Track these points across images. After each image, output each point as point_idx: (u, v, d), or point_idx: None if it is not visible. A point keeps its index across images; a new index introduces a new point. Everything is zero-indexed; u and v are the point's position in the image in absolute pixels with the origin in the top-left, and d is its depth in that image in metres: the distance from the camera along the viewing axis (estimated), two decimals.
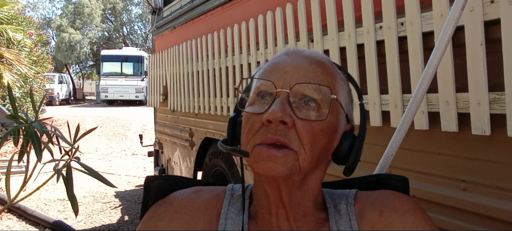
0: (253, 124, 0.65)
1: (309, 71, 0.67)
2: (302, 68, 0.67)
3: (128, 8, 33.51)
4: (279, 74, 0.67)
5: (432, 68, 1.04)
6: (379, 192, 0.73)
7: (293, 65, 0.67)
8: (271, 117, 0.62)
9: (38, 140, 1.12)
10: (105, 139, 10.23)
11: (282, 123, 0.63)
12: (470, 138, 1.19)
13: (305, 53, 0.71)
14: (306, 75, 0.66)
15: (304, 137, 0.63)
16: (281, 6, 2.02)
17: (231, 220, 0.70)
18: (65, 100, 25.36)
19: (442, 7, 1.21)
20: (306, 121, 0.64)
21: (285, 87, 0.65)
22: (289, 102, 0.64)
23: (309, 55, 0.70)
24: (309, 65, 0.68)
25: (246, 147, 0.66)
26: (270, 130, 0.63)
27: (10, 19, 6.79)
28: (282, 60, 0.69)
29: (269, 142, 0.63)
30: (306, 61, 0.69)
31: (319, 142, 0.65)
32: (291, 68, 0.67)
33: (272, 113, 0.62)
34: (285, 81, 0.65)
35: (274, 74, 0.67)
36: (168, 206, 0.72)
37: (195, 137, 3.24)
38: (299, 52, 0.71)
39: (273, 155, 0.62)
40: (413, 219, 0.68)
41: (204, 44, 2.96)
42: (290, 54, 0.71)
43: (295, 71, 0.66)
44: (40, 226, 3.96)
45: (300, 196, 0.69)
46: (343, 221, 0.69)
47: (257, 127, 0.65)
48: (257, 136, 0.65)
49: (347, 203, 0.71)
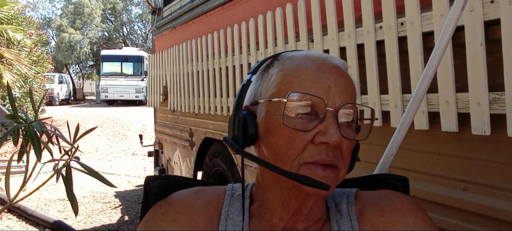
0: (300, 141, 0.63)
1: (348, 88, 0.66)
2: (342, 84, 0.65)
3: (128, 8, 33.52)
4: (323, 88, 0.64)
5: (432, 68, 1.04)
6: (380, 191, 0.74)
7: (334, 80, 0.65)
8: (330, 140, 0.61)
9: (37, 140, 1.12)
10: (105, 139, 10.23)
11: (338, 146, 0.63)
12: (470, 138, 1.19)
13: (334, 62, 0.68)
14: (347, 92, 0.65)
15: (346, 156, 0.65)
16: (281, 6, 2.02)
17: (232, 221, 0.70)
18: (65, 100, 25.37)
19: (442, 7, 1.21)
20: (348, 140, 0.64)
21: (331, 105, 0.63)
22: (337, 122, 0.63)
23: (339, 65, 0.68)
24: (346, 80, 0.67)
25: (290, 165, 0.63)
26: (322, 151, 0.62)
27: (10, 19, 6.79)
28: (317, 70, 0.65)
29: (323, 164, 0.63)
30: (341, 73, 0.67)
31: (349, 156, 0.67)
32: (333, 82, 0.64)
33: (332, 138, 0.61)
34: (330, 98, 0.63)
35: (317, 88, 0.64)
36: (169, 206, 0.72)
37: (195, 137, 3.24)
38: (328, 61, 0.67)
39: (328, 176, 0.63)
40: (413, 219, 0.68)
41: (204, 44, 2.96)
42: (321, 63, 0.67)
43: (337, 87, 0.64)
44: (40, 226, 3.96)
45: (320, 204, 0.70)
46: (344, 220, 0.69)
47: (305, 144, 0.63)
48: (306, 155, 0.63)
49: (348, 203, 0.71)
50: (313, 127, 0.62)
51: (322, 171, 0.62)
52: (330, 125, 0.62)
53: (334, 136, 0.61)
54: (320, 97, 0.63)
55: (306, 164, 0.62)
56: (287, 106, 0.63)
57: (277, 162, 0.65)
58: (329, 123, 0.62)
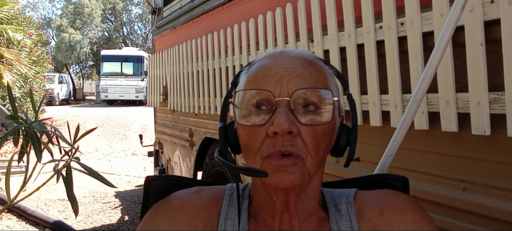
0: (256, 136, 0.64)
1: (305, 73, 0.65)
2: (296, 70, 0.65)
3: (128, 8, 33.52)
4: (274, 80, 0.64)
5: (432, 68, 1.04)
6: (379, 191, 0.73)
7: (286, 69, 0.65)
8: (278, 129, 0.61)
9: (38, 140, 1.12)
10: (105, 139, 10.23)
11: (288, 133, 0.62)
12: (470, 138, 1.19)
13: (292, 53, 0.69)
14: (303, 78, 0.65)
15: (310, 143, 0.63)
16: (281, 6, 2.02)
17: (231, 221, 0.70)
18: (65, 101, 25.36)
19: (442, 7, 1.21)
20: (310, 126, 0.63)
21: (284, 95, 0.63)
22: (291, 110, 0.63)
23: (298, 55, 0.68)
24: (303, 67, 0.66)
25: (253, 161, 0.65)
26: (277, 142, 0.62)
27: (10, 19, 6.79)
28: (271, 64, 0.67)
29: (278, 154, 0.63)
30: (298, 62, 0.67)
31: (323, 144, 0.65)
32: (286, 72, 0.65)
33: (278, 126, 0.61)
34: (282, 88, 0.64)
35: (268, 82, 0.65)
36: (169, 206, 0.72)
37: (195, 137, 3.24)
38: (286, 53, 0.69)
39: (284, 164, 0.62)
40: (413, 218, 0.68)
41: (204, 44, 2.96)
42: (277, 56, 0.68)
43: (290, 75, 0.65)
44: (40, 226, 3.96)
45: (305, 199, 0.69)
46: (344, 221, 0.69)
47: (261, 139, 0.64)
48: (263, 149, 0.64)
49: (347, 203, 0.71)
50: (267, 120, 0.63)
51: (277, 160, 0.62)
52: (278, 114, 0.62)
53: (282, 123, 0.61)
54: (267, 90, 0.64)
55: (265, 157, 0.64)
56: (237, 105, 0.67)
57: (246, 161, 0.68)
58: (278, 112, 0.62)
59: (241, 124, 0.66)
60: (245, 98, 0.66)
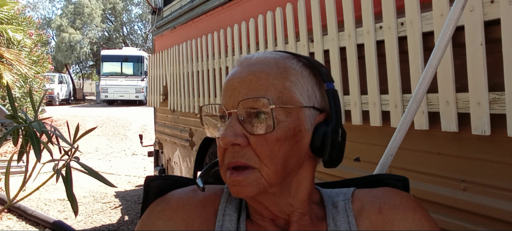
0: (219, 148, 0.66)
1: (253, 81, 0.64)
2: (246, 80, 0.65)
3: (128, 8, 33.52)
4: (229, 92, 0.65)
5: (432, 68, 1.04)
6: (378, 189, 0.73)
7: (240, 80, 0.65)
8: (222, 141, 0.63)
9: (37, 140, 1.12)
10: (105, 139, 10.23)
11: (236, 145, 0.62)
12: (470, 138, 1.19)
13: (252, 60, 0.67)
14: (252, 87, 0.64)
15: (261, 152, 0.62)
16: (281, 6, 2.02)
17: (229, 217, 0.70)
18: (65, 100, 25.37)
19: (442, 7, 1.21)
20: (258, 136, 0.62)
21: (233, 107, 0.64)
22: (240, 121, 0.63)
23: (257, 60, 0.67)
24: (254, 74, 0.65)
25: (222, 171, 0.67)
26: (230, 155, 0.64)
27: (10, 19, 6.79)
28: (233, 75, 0.67)
29: (232, 166, 0.64)
30: (253, 69, 0.65)
31: (279, 150, 0.63)
32: (239, 83, 0.65)
33: (223, 138, 0.62)
34: (234, 100, 0.64)
35: (226, 94, 0.66)
36: (166, 204, 0.72)
37: (195, 137, 3.24)
38: (248, 61, 0.67)
39: (235, 180, 0.63)
40: (413, 216, 0.67)
41: (204, 44, 2.96)
42: (240, 65, 0.68)
43: (241, 86, 0.64)
44: (40, 226, 3.96)
45: (290, 201, 0.68)
46: (341, 216, 0.69)
47: (222, 151, 0.65)
48: (224, 160, 0.65)
49: (344, 200, 0.71)
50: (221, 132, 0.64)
51: (230, 175, 0.64)
52: (225, 126, 0.63)
53: (225, 136, 0.62)
54: (220, 104, 0.66)
55: (227, 168, 0.65)
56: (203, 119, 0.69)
57: None
58: (225, 125, 0.64)
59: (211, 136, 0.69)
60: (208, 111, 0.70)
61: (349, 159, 1.59)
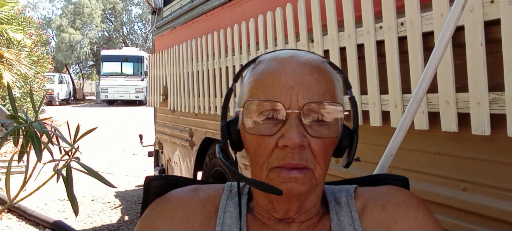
0: (265, 146, 0.63)
1: (314, 84, 0.64)
2: (306, 81, 0.64)
3: (128, 8, 33.51)
4: (284, 90, 0.63)
5: (432, 68, 1.04)
6: (381, 187, 0.74)
7: (296, 78, 0.64)
8: (289, 143, 0.61)
9: (38, 140, 1.12)
10: (105, 139, 10.23)
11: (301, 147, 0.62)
12: (470, 138, 1.19)
13: (301, 59, 0.67)
14: (313, 90, 0.63)
15: (319, 155, 0.63)
16: (281, 6, 2.02)
17: (230, 214, 0.70)
18: (65, 101, 25.37)
19: (442, 7, 1.21)
20: (319, 139, 0.63)
21: (294, 107, 0.62)
22: (301, 122, 0.62)
23: (307, 62, 0.66)
24: (312, 76, 0.64)
25: (260, 170, 0.65)
26: (287, 155, 0.62)
27: (10, 19, 6.78)
28: (280, 71, 0.65)
29: (289, 167, 0.63)
30: (307, 71, 0.65)
31: (330, 153, 0.66)
32: (295, 82, 0.63)
33: (290, 141, 0.61)
34: (292, 100, 0.63)
35: (278, 91, 0.63)
36: (166, 204, 0.72)
37: (195, 137, 3.24)
38: (294, 59, 0.67)
39: (294, 177, 0.62)
40: (416, 214, 0.67)
41: (204, 44, 2.96)
42: (285, 62, 0.66)
43: (300, 86, 0.63)
44: (40, 226, 3.96)
45: (309, 203, 0.69)
46: (344, 212, 0.70)
47: (270, 149, 0.63)
48: (272, 159, 0.63)
49: (347, 196, 0.72)
50: (276, 130, 0.63)
51: (287, 172, 0.63)
52: (289, 127, 0.62)
53: (293, 137, 0.61)
54: (278, 101, 0.63)
55: (273, 168, 0.63)
56: (246, 114, 0.65)
57: (251, 166, 0.68)
58: (289, 125, 0.62)
59: (249, 133, 0.65)
60: (253, 105, 0.65)
61: None
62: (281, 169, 0.63)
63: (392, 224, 0.67)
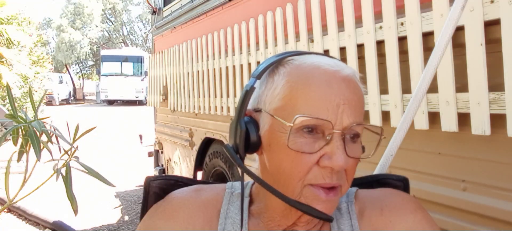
0: (305, 163, 0.60)
1: (357, 104, 0.62)
2: (352, 101, 0.61)
3: (128, 8, 33.52)
4: (332, 108, 0.60)
5: (432, 68, 1.04)
6: (380, 190, 0.73)
7: (343, 97, 0.61)
8: (336, 166, 0.59)
9: (37, 140, 1.12)
10: (105, 139, 10.23)
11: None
12: (470, 138, 1.19)
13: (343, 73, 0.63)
14: (356, 109, 0.62)
15: (350, 173, 0.63)
16: (281, 6, 2.02)
17: (231, 220, 0.70)
18: (65, 100, 25.38)
19: (442, 7, 1.21)
20: (355, 159, 0.62)
21: (339, 126, 0.60)
22: (344, 143, 0.60)
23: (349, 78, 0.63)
24: (356, 95, 0.63)
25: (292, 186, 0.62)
26: (327, 175, 0.60)
27: (10, 19, 6.78)
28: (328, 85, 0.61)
29: (327, 187, 0.61)
30: (351, 88, 0.62)
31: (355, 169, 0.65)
32: (342, 100, 0.61)
33: (337, 163, 0.59)
34: (338, 119, 0.60)
35: (324, 106, 0.60)
36: (167, 204, 0.72)
37: (195, 137, 3.24)
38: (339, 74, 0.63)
39: (331, 200, 0.62)
40: (413, 218, 0.67)
41: (204, 44, 2.96)
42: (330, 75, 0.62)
43: (346, 105, 0.61)
44: (40, 226, 3.96)
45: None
46: (344, 220, 0.69)
47: (309, 166, 0.60)
48: (310, 176, 0.61)
49: (347, 202, 0.71)
50: (318, 148, 0.60)
51: (325, 195, 0.61)
52: (336, 149, 0.59)
53: (340, 161, 0.59)
54: (328, 120, 0.59)
55: (310, 185, 0.61)
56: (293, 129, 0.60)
57: (280, 180, 0.63)
58: (335, 147, 0.59)
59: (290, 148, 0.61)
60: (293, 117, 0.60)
61: None
62: (318, 188, 0.61)
63: (390, 228, 0.67)
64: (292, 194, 0.62)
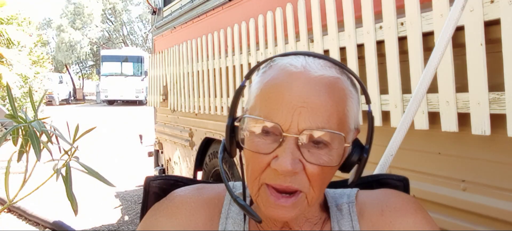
0: (259, 162, 0.61)
1: (320, 107, 0.59)
2: (312, 102, 0.58)
3: (128, 8, 33.52)
4: (285, 110, 0.58)
5: (432, 68, 1.04)
6: (380, 191, 0.73)
7: (300, 99, 0.58)
8: (280, 169, 0.58)
9: (37, 140, 1.12)
10: (106, 138, 10.23)
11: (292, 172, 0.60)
12: (470, 138, 1.19)
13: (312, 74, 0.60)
14: (317, 113, 0.58)
15: (314, 180, 0.60)
16: (281, 6, 2.02)
17: (232, 220, 0.70)
18: (65, 100, 25.39)
19: (442, 7, 1.21)
20: (317, 166, 0.59)
21: (293, 131, 0.58)
22: (298, 146, 0.59)
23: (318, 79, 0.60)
24: (319, 98, 0.59)
25: (251, 184, 0.63)
26: (278, 177, 0.59)
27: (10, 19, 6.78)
28: (286, 86, 0.60)
29: (278, 188, 0.60)
30: (315, 91, 0.59)
31: (329, 178, 0.63)
32: (299, 102, 0.58)
33: (281, 166, 0.58)
34: (293, 122, 0.58)
35: (278, 109, 0.59)
36: (170, 202, 0.72)
37: (195, 137, 3.24)
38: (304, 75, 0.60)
39: (282, 206, 0.60)
40: (413, 218, 0.67)
41: (204, 44, 2.96)
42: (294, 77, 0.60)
43: (303, 108, 0.58)
44: (40, 226, 3.96)
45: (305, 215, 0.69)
46: (345, 220, 0.69)
47: (264, 166, 0.61)
48: (264, 176, 0.61)
49: (348, 202, 0.71)
50: (272, 150, 0.59)
51: (275, 199, 0.60)
52: (283, 152, 0.58)
53: (284, 164, 0.57)
54: (276, 123, 0.59)
55: (266, 185, 0.61)
56: (244, 129, 0.63)
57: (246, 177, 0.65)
58: (282, 150, 0.58)
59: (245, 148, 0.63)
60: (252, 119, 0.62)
61: None
62: (271, 189, 0.60)
63: (390, 229, 0.67)
64: (252, 192, 0.64)
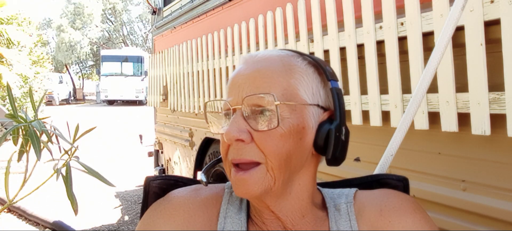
0: (223, 143, 0.65)
1: (257, 78, 0.65)
2: (251, 77, 0.65)
3: (128, 8, 33.52)
4: (235, 89, 0.66)
5: (432, 68, 1.04)
6: (379, 191, 0.73)
7: (245, 76, 0.66)
8: (226, 137, 0.62)
9: (37, 139, 1.12)
10: (106, 139, 10.23)
11: (240, 140, 0.62)
12: (470, 138, 1.19)
13: (257, 57, 0.68)
14: (254, 83, 0.64)
15: (265, 148, 0.62)
16: (281, 6, 2.02)
17: (230, 219, 0.70)
18: (65, 100, 25.39)
19: (442, 7, 1.21)
20: (262, 132, 0.63)
21: (237, 103, 0.64)
22: (244, 117, 0.63)
23: (263, 57, 0.67)
24: (256, 72, 0.65)
25: (225, 168, 0.67)
26: (232, 151, 0.63)
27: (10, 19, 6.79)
28: (238, 72, 0.68)
29: (236, 163, 0.63)
30: (258, 66, 0.66)
31: (283, 146, 0.63)
32: (244, 79, 0.65)
33: (227, 134, 0.62)
34: (239, 96, 0.64)
35: (231, 91, 0.66)
36: (167, 203, 0.72)
37: (195, 137, 3.24)
38: (253, 58, 0.68)
39: (241, 178, 0.63)
40: (412, 218, 0.67)
41: (204, 44, 2.96)
42: (247, 62, 0.68)
43: (246, 83, 0.65)
44: (40, 226, 3.96)
45: (291, 201, 0.68)
46: (343, 220, 0.69)
47: (226, 147, 0.65)
48: (228, 157, 0.65)
49: (347, 202, 0.71)
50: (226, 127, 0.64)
51: (235, 173, 0.64)
52: (229, 123, 0.63)
53: (229, 131, 0.62)
54: (225, 100, 0.66)
55: (231, 165, 0.65)
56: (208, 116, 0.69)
57: None
58: (230, 122, 0.64)
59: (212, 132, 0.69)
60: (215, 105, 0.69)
61: (349, 159, 1.59)
62: (235, 167, 0.64)
63: (389, 229, 0.67)
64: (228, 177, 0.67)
